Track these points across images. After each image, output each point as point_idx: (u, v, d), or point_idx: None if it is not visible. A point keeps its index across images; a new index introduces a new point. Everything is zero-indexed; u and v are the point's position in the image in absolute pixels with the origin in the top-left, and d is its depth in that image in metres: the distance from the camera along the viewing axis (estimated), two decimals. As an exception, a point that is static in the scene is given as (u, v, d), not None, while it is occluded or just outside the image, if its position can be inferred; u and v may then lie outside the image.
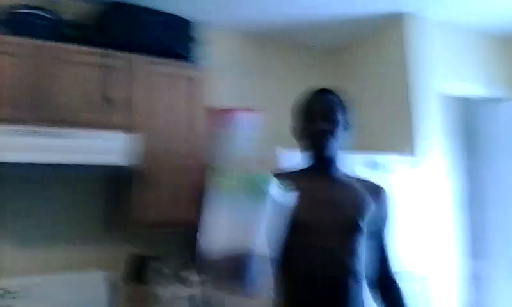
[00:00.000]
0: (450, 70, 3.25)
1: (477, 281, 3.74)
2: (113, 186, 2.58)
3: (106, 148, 2.21)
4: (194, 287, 2.55)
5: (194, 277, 2.59)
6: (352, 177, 1.60)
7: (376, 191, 1.58)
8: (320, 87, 1.60)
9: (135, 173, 2.37)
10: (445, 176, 3.10)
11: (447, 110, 3.19)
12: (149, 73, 2.49)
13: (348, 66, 3.64)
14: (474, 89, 3.39)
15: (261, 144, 3.03)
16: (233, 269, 1.18)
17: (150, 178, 2.42)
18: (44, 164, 2.13)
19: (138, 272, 2.51)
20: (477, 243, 3.77)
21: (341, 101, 1.57)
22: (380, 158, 2.68)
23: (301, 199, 1.44)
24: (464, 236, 3.32)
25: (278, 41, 3.49)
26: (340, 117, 1.52)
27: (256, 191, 1.18)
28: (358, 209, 1.50)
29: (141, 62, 2.47)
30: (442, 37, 3.27)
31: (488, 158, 3.69)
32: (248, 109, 3.13)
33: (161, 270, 2.54)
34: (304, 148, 1.56)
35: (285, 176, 1.51)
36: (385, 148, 3.08)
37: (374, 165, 2.62)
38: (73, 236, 2.56)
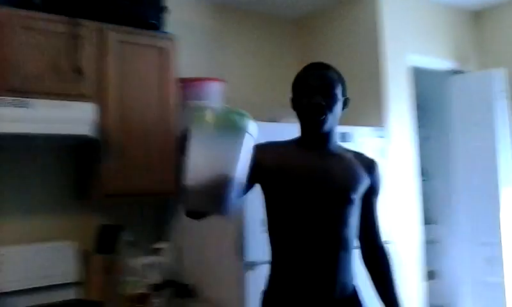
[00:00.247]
0: (414, 42, 3.31)
1: (433, 245, 3.94)
2: (83, 156, 2.57)
3: (75, 118, 2.19)
4: (164, 256, 2.59)
5: (164, 246, 2.64)
6: (346, 150, 1.68)
7: (369, 164, 1.67)
8: (319, 62, 1.66)
9: (105, 143, 2.36)
10: (409, 147, 3.19)
11: (410, 81, 3.27)
12: (120, 43, 2.45)
13: (314, 37, 3.62)
14: (438, 61, 3.48)
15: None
16: (213, 194, 1.29)
17: (120, 148, 2.41)
18: (12, 135, 2.09)
19: (108, 242, 2.53)
20: (433, 209, 3.95)
21: (338, 76, 1.63)
22: (350, 130, 2.74)
23: (296, 170, 1.55)
24: (422, 203, 3.46)
25: (242, 11, 3.43)
26: (337, 92, 1.58)
27: (235, 124, 1.29)
28: (351, 181, 1.58)
29: (111, 32, 2.43)
30: (407, 9, 3.31)
31: (443, 128, 3.82)
32: (216, 79, 3.16)
33: (131, 240, 2.58)
34: (301, 121, 1.61)
35: (278, 146, 1.62)
36: (354, 120, 3.14)
37: (344, 138, 2.67)
38: (43, 207, 2.54)
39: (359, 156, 1.68)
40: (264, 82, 3.43)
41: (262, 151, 1.52)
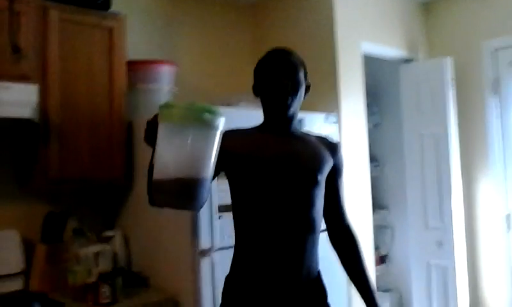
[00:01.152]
0: (365, 30, 3.35)
1: (385, 230, 4.04)
2: (26, 141, 2.44)
3: (15, 100, 2.07)
4: (113, 244, 2.52)
5: (114, 234, 2.57)
6: (309, 134, 1.71)
7: (332, 146, 1.69)
8: (282, 47, 1.66)
9: (46, 127, 2.25)
10: (360, 133, 3.24)
11: (362, 69, 3.31)
12: (63, 21, 2.33)
13: (268, 22, 3.59)
14: (389, 50, 3.54)
15: (178, 98, 3.01)
16: (183, 192, 1.25)
17: (65, 132, 2.32)
18: None
19: (54, 231, 2.43)
20: (385, 195, 4.05)
21: (301, 62, 1.65)
22: (302, 115, 2.73)
23: (260, 153, 1.55)
24: (374, 189, 3.52)
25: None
26: (301, 77, 1.61)
27: (205, 120, 1.25)
28: (316, 162, 1.60)
29: (54, 10, 2.31)
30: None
31: (395, 115, 3.91)
32: (167, 62, 3.10)
33: (79, 228, 2.48)
34: (266, 105, 1.62)
35: (241, 133, 1.62)
36: (307, 106, 3.14)
37: (299, 123, 2.67)
38: (-17, 194, 2.41)
39: (322, 139, 1.71)
40: (217, 67, 3.37)
41: (225, 137, 1.50)
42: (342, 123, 3.08)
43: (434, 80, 3.58)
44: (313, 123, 2.76)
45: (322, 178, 1.61)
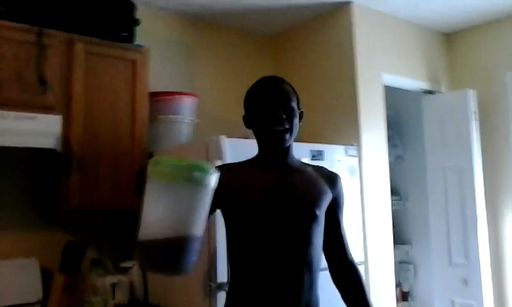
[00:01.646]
0: (389, 61, 3.35)
1: (407, 266, 3.94)
2: (46, 170, 2.48)
3: (39, 130, 2.13)
4: (130, 275, 2.51)
5: (132, 265, 2.56)
6: (306, 165, 1.62)
7: (330, 177, 1.61)
8: (271, 76, 1.60)
9: (68, 157, 2.29)
10: (381, 166, 3.19)
11: (384, 100, 3.29)
12: (88, 54, 2.40)
13: (287, 54, 3.62)
14: (411, 81, 3.52)
15: (201, 129, 3.03)
16: (168, 254, 1.17)
17: (87, 163, 2.35)
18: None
19: (73, 260, 2.43)
20: (407, 230, 3.96)
21: (293, 89, 1.57)
22: (322, 147, 2.71)
23: (256, 188, 1.47)
24: (396, 223, 3.45)
25: (215, 25, 3.41)
26: (294, 105, 1.53)
27: (195, 179, 1.16)
28: (314, 197, 1.51)
29: (79, 43, 2.37)
30: (383, 28, 3.35)
31: (417, 148, 3.85)
32: (188, 94, 3.14)
33: (97, 258, 2.49)
34: (260, 137, 1.54)
35: (236, 167, 1.55)
36: (327, 138, 3.14)
37: (316, 156, 2.65)
38: (6, 223, 2.44)
39: (320, 170, 1.62)
40: (237, 97, 3.38)
41: (220, 172, 1.48)
42: (362, 156, 3.05)
43: (457, 113, 3.53)
44: (333, 156, 2.74)
45: (321, 212, 1.52)
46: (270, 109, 1.49)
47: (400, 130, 4.06)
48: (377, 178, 3.16)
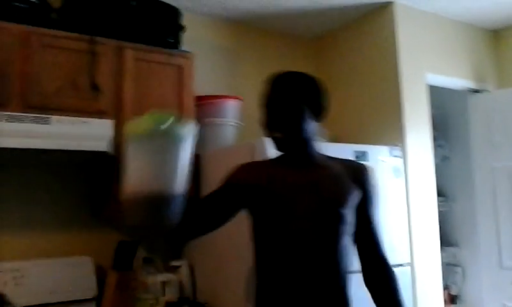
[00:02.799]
0: (434, 60, 3.30)
1: (455, 268, 3.84)
2: (101, 173, 2.59)
3: (93, 134, 2.22)
4: (180, 274, 2.58)
5: (181, 264, 2.63)
6: (333, 159, 1.54)
7: (359, 171, 1.52)
8: (284, 72, 1.52)
9: (121, 160, 2.38)
10: (427, 166, 3.14)
11: (429, 100, 3.24)
12: (137, 60, 2.49)
13: (330, 56, 3.63)
14: (456, 80, 3.45)
15: (245, 132, 3.08)
16: (150, 209, 1.20)
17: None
18: (31, 150, 2.13)
19: (125, 259, 2.53)
20: (454, 231, 3.87)
21: (308, 83, 1.49)
22: (366, 148, 2.71)
23: (278, 189, 1.43)
24: (443, 225, 3.39)
25: (258, 29, 3.47)
26: (307, 100, 1.46)
27: (171, 133, 1.20)
28: (339, 196, 1.44)
29: (129, 50, 2.48)
30: (427, 27, 3.31)
31: (463, 148, 3.76)
32: (233, 97, 3.19)
33: (148, 257, 2.57)
34: (274, 139, 1.48)
35: (260, 166, 1.52)
36: (372, 138, 3.12)
37: (360, 156, 2.65)
38: (61, 222, 2.58)
39: (347, 163, 1.54)
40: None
41: (246, 171, 1.47)
42: (407, 156, 3.01)
43: (505, 111, 3.44)
44: (377, 156, 2.73)
45: (348, 211, 1.44)
46: (277, 110, 1.45)
47: (446, 131, 3.99)
48: (423, 178, 3.11)
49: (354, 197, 1.47)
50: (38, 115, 2.12)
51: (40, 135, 2.12)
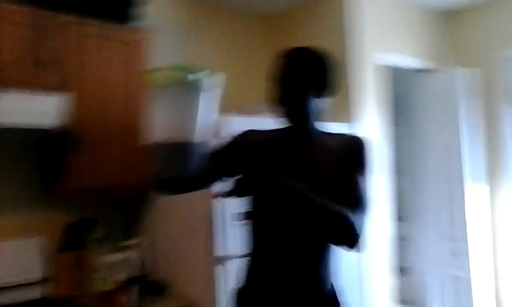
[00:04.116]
0: (385, 40, 3.37)
1: (404, 242, 4.01)
2: (47, 150, 2.51)
3: (41, 110, 2.14)
4: (134, 252, 2.56)
5: (135, 242, 2.61)
6: (333, 135, 1.57)
7: (352, 143, 1.54)
8: (296, 47, 1.53)
9: (69, 136, 2.32)
10: (379, 144, 3.24)
11: (382, 79, 3.32)
12: (83, 34, 2.40)
13: (285, 33, 3.64)
14: (407, 60, 3.55)
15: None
16: (175, 155, 1.28)
17: (85, 141, 2.37)
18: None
19: (78, 239, 2.48)
20: (404, 207, 4.03)
21: (316, 60, 1.51)
22: (327, 127, 2.74)
23: (274, 157, 1.51)
24: (394, 200, 3.52)
25: (214, 5, 3.43)
26: (313, 78, 1.49)
27: (198, 83, 1.26)
28: (329, 170, 1.47)
29: (79, 25, 2.39)
30: (378, 8, 3.37)
31: (416, 126, 3.89)
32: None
33: (101, 236, 2.53)
34: (278, 112, 1.53)
35: (261, 134, 1.58)
36: (331, 117, 3.16)
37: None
38: (9, 202, 2.47)
39: (345, 139, 1.56)
40: (235, 77, 3.42)
41: (247, 137, 1.53)
42: (364, 134, 3.08)
43: (454, 90, 3.58)
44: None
45: (334, 180, 1.45)
46: (282, 86, 1.49)
47: (400, 110, 4.09)
48: (379, 156, 3.20)
49: (345, 171, 1.47)
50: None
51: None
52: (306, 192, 1.34)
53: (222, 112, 2.29)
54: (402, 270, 4.09)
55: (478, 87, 3.62)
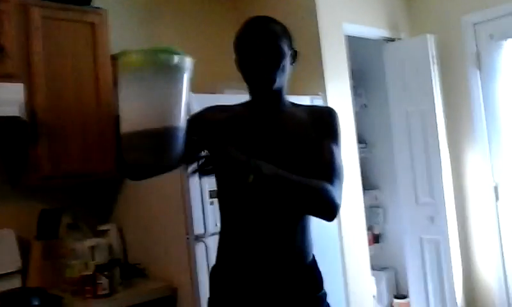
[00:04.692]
0: (350, 11, 3.39)
1: (377, 210, 4.10)
2: (13, 140, 2.45)
3: (2, 99, 2.08)
4: (108, 237, 2.54)
5: (108, 227, 2.59)
6: (299, 106, 1.56)
7: (320, 114, 1.54)
8: (259, 16, 1.52)
9: (37, 125, 2.27)
10: (347, 115, 3.27)
11: (349, 50, 3.34)
12: (45, 18, 2.34)
13: (251, 6, 3.58)
14: (372, 30, 3.58)
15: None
16: (154, 144, 1.17)
17: (54, 129, 2.33)
18: None
19: (49, 227, 2.45)
20: (375, 175, 4.11)
21: (283, 29, 1.51)
22: (289, 99, 2.75)
23: (245, 133, 1.44)
24: (365, 170, 3.57)
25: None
26: (283, 46, 1.47)
27: (161, 61, 1.16)
28: (298, 140, 1.45)
29: (35, 7, 2.32)
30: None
31: (381, 96, 3.94)
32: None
33: (73, 223, 2.50)
34: (248, 82, 1.49)
35: (228, 110, 1.51)
36: (292, 89, 3.17)
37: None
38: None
39: (312, 109, 1.56)
40: (199, 56, 3.36)
41: (211, 113, 1.48)
42: (328, 105, 3.11)
43: (417, 58, 3.62)
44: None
45: (306, 155, 1.44)
46: (254, 55, 1.43)
47: (364, 80, 4.15)
48: (344, 127, 3.23)
49: (320, 142, 1.47)
50: None
51: None
52: (279, 172, 1.30)
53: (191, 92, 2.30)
54: (379, 237, 4.19)
55: (442, 53, 3.67)
